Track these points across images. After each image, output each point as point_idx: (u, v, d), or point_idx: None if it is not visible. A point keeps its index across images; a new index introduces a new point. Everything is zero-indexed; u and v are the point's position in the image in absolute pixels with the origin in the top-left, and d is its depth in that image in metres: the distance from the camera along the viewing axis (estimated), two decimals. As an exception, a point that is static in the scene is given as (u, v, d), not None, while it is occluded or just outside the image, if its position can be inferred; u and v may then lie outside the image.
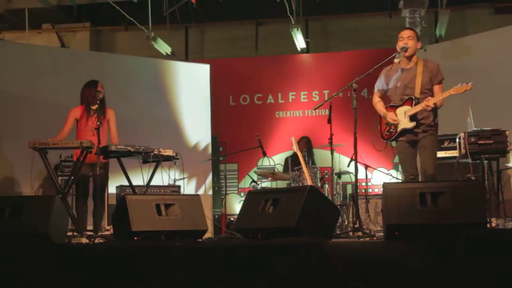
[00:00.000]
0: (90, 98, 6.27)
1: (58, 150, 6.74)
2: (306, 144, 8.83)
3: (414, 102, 5.37)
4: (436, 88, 5.42)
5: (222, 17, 10.87)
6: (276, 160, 9.99)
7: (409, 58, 5.48)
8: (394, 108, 5.54)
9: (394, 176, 8.82)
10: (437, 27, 9.21)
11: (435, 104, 5.25)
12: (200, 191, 9.15)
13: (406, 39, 5.43)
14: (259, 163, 10.24)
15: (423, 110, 5.30)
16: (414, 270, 3.54)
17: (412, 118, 5.36)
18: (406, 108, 5.41)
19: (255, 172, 9.16)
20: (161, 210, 4.72)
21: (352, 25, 10.73)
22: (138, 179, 6.53)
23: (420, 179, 5.39)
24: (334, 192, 7.84)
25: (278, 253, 3.57)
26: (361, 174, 7.52)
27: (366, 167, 7.86)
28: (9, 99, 8.19)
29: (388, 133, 5.59)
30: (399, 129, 5.45)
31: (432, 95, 5.38)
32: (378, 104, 5.71)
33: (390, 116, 5.48)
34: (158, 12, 9.23)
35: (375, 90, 5.77)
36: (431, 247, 3.67)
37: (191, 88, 9.70)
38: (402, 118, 5.42)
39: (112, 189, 7.64)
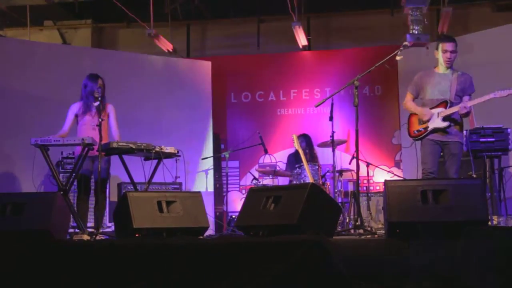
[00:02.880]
0: (90, 93, 6.23)
1: (60, 147, 6.74)
2: (305, 141, 8.81)
3: (448, 104, 5.48)
4: (465, 98, 5.56)
5: (224, 14, 10.86)
6: (278, 157, 9.99)
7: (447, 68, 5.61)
8: (423, 108, 5.63)
9: (396, 173, 8.82)
10: (439, 24, 9.19)
11: (470, 107, 5.39)
12: (202, 188, 9.15)
13: (449, 53, 5.55)
14: (261, 161, 10.25)
15: (457, 112, 5.43)
16: (415, 267, 3.54)
17: (445, 118, 5.46)
18: (439, 109, 5.52)
19: (256, 169, 9.17)
20: (163, 207, 4.73)
21: (354, 23, 10.72)
22: (140, 176, 6.54)
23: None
24: (336, 190, 7.84)
25: (280, 250, 3.58)
26: (363, 172, 7.52)
27: (368, 164, 7.86)
28: (11, 95, 8.19)
29: (417, 132, 5.64)
30: (430, 128, 5.51)
31: None
32: (409, 102, 5.80)
33: (428, 113, 5.53)
34: (159, 9, 9.23)
35: (409, 92, 5.85)
36: (432, 244, 3.67)
37: (192, 85, 9.69)
38: (435, 118, 5.50)
39: (113, 186, 7.65)
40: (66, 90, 8.11)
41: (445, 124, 5.45)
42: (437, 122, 5.48)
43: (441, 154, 5.60)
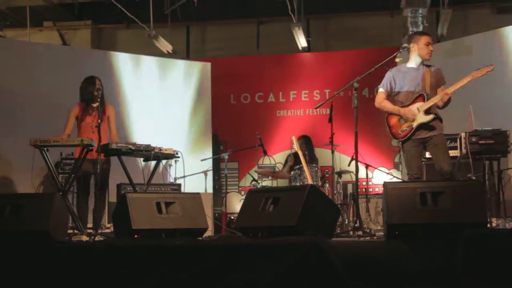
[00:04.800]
0: (89, 95, 6.25)
1: (59, 148, 6.73)
2: (304, 142, 8.81)
3: (425, 97, 5.36)
4: (439, 90, 5.43)
5: (224, 15, 10.86)
6: (277, 159, 9.99)
7: (417, 62, 5.51)
8: (403, 107, 5.49)
9: (395, 175, 8.82)
10: (438, 26, 9.20)
11: (450, 93, 5.26)
12: (201, 190, 9.13)
13: (431, 46, 5.49)
14: (260, 162, 10.25)
15: (435, 105, 5.31)
16: (414, 269, 3.54)
17: (427, 112, 5.34)
18: (418, 104, 5.38)
19: (255, 171, 9.16)
20: (162, 208, 4.72)
21: (354, 24, 10.72)
22: (139, 177, 6.53)
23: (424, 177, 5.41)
24: (335, 191, 7.83)
25: (279, 252, 3.57)
26: (362, 173, 7.53)
27: (367, 166, 7.86)
28: (10, 96, 8.18)
29: (402, 132, 5.48)
30: (415, 125, 5.36)
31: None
32: (384, 102, 5.61)
33: (410, 113, 5.38)
34: (159, 10, 9.23)
35: (381, 90, 5.70)
36: (432, 246, 3.67)
37: (192, 86, 9.69)
38: (416, 113, 5.36)
39: (112, 187, 7.64)
40: (66, 91, 8.10)
41: (430, 117, 5.31)
42: (420, 117, 5.34)
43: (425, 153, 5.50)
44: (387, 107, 5.60)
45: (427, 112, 5.34)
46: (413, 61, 5.53)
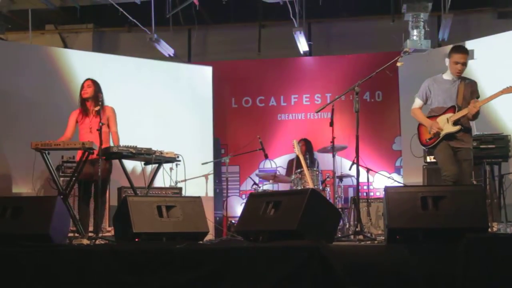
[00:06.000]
0: (84, 97, 6.30)
1: (60, 151, 6.74)
2: (305, 146, 8.81)
3: (456, 108, 5.49)
4: (472, 102, 5.52)
5: (225, 19, 10.87)
6: (278, 162, 9.98)
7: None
8: (434, 117, 5.61)
9: (396, 179, 8.81)
10: (440, 31, 9.20)
11: (479, 107, 5.40)
12: (202, 193, 9.13)
13: (460, 65, 5.54)
14: (261, 166, 10.24)
15: (466, 116, 5.44)
16: (415, 274, 3.54)
17: (456, 123, 5.46)
18: (448, 115, 5.52)
19: (256, 174, 9.16)
20: (162, 212, 4.73)
21: (355, 29, 10.73)
22: (140, 181, 6.53)
23: None
24: (336, 195, 7.83)
25: (279, 256, 3.57)
26: (363, 178, 7.51)
27: (368, 170, 7.85)
28: (12, 99, 8.20)
29: (430, 140, 5.61)
30: (442, 134, 5.50)
31: None
32: (417, 111, 5.78)
33: (435, 126, 5.52)
34: (161, 13, 9.23)
35: (417, 99, 5.82)
36: (432, 251, 3.67)
37: (193, 90, 9.70)
38: (445, 123, 5.50)
39: (113, 190, 7.64)
40: (67, 94, 8.13)
41: (456, 127, 5.44)
42: (448, 127, 5.48)
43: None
44: (417, 115, 5.78)
45: (455, 123, 5.45)
46: (448, 74, 5.66)
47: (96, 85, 6.31)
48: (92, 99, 6.24)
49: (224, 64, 10.66)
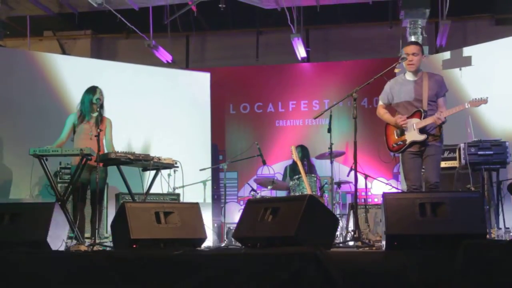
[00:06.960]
0: (89, 104, 6.30)
1: (58, 157, 6.74)
2: (302, 152, 8.81)
3: (422, 115, 5.39)
4: (440, 100, 5.47)
5: (223, 25, 10.89)
6: (276, 169, 9.98)
7: (415, 72, 5.51)
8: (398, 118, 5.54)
9: (394, 186, 8.81)
10: (437, 37, 9.23)
11: (445, 118, 5.31)
12: (200, 199, 9.13)
13: (411, 56, 5.47)
14: (259, 172, 10.24)
15: (433, 122, 5.34)
16: (413, 280, 3.53)
17: (421, 130, 5.38)
18: (414, 120, 5.43)
19: (254, 180, 9.15)
20: (160, 218, 4.71)
21: (353, 35, 10.76)
22: (138, 187, 6.52)
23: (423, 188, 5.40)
24: (334, 202, 7.83)
25: (277, 262, 3.57)
26: (361, 184, 7.52)
27: (366, 176, 7.86)
28: (11, 105, 8.20)
29: (397, 145, 5.57)
30: (408, 142, 5.44)
31: (437, 108, 5.41)
32: (385, 114, 5.73)
33: (400, 120, 5.46)
34: (159, 20, 9.26)
35: (380, 102, 5.80)
36: (431, 257, 3.67)
37: (191, 96, 9.71)
38: (411, 130, 5.42)
39: (111, 196, 7.64)
40: (65, 101, 8.14)
41: (423, 137, 5.36)
42: (414, 135, 5.39)
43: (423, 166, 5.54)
44: (382, 116, 5.76)
45: (421, 131, 5.37)
46: (409, 73, 5.59)
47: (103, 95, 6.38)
48: (101, 107, 6.29)
49: (222, 70, 10.67)
